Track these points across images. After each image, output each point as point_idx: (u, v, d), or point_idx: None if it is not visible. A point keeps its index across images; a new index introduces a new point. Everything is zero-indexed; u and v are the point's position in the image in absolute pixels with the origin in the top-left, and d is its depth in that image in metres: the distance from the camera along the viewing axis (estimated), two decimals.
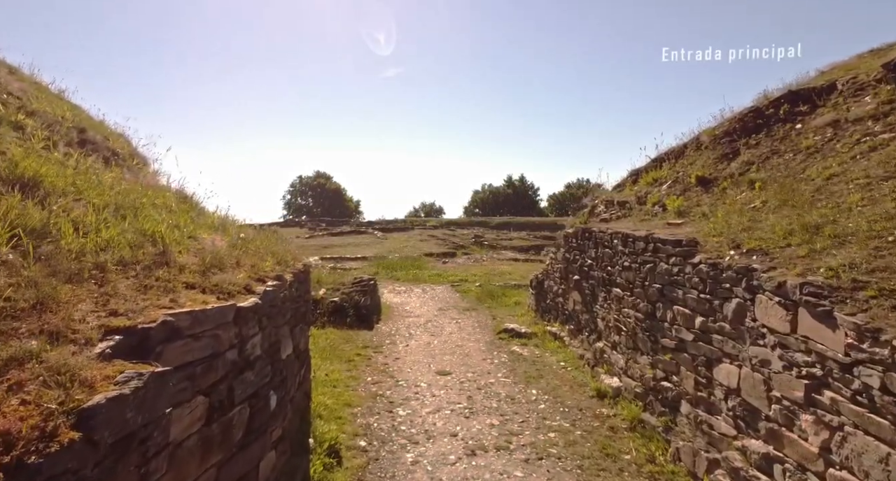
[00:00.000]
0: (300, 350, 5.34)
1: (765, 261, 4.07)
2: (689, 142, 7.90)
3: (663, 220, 6.61)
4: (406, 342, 9.90)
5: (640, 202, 7.51)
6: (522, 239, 36.47)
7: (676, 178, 7.34)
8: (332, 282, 12.14)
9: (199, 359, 2.90)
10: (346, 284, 12.02)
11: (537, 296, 11.01)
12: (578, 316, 8.53)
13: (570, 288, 8.88)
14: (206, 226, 4.96)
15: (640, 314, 6.18)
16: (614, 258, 7.01)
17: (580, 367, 7.92)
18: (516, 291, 15.34)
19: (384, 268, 22.05)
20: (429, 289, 16.84)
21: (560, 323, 9.58)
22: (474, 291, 15.90)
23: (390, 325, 11.31)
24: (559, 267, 9.47)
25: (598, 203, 9.12)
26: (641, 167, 8.75)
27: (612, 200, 8.35)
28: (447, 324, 11.42)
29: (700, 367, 4.92)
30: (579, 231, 8.41)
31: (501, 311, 12.95)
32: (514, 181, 72.21)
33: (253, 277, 4.20)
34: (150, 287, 3.16)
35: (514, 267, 23.63)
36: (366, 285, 11.97)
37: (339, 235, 38.40)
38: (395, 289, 17.18)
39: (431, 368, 8.23)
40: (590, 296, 8.00)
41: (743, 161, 6.44)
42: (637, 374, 6.27)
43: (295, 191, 61.17)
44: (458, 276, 19.75)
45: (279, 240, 6.33)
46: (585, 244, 8.14)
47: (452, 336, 10.36)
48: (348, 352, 9.01)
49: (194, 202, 5.82)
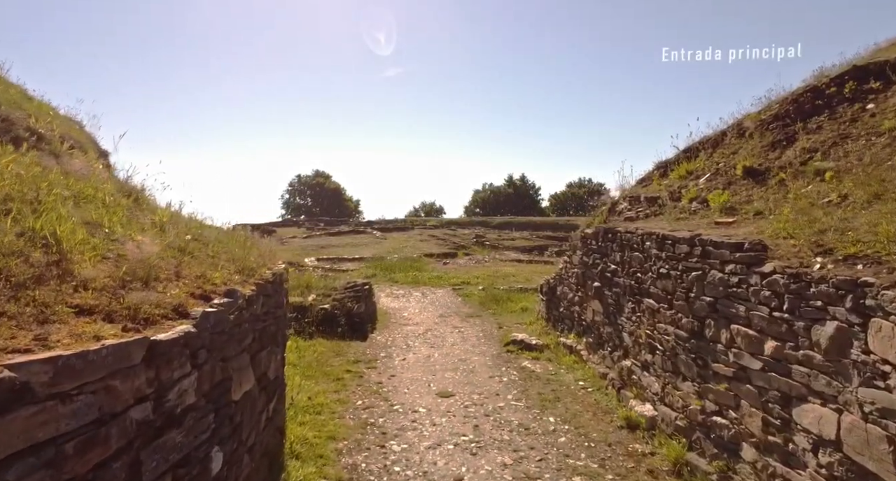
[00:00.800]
0: (268, 380, 4.29)
1: (880, 272, 3.02)
2: (729, 129, 6.85)
3: (706, 219, 5.56)
4: (403, 355, 8.85)
5: (673, 198, 6.46)
6: (525, 239, 35.42)
7: (717, 170, 6.29)
8: (323, 287, 11.09)
9: (69, 431, 1.86)
10: (338, 289, 10.97)
11: (548, 302, 9.96)
12: (599, 328, 7.48)
13: (588, 296, 7.83)
14: (145, 225, 3.91)
15: (682, 331, 5.13)
16: (646, 263, 5.97)
17: (603, 389, 6.86)
18: (522, 295, 14.28)
19: (382, 269, 21.02)
20: (429, 293, 15.79)
21: (576, 334, 8.53)
22: (477, 295, 14.85)
23: (386, 335, 10.25)
24: (575, 271, 8.42)
25: (619, 200, 8.07)
26: (670, 159, 7.70)
27: (637, 196, 7.31)
28: (449, 334, 10.37)
29: (772, 405, 3.87)
30: (600, 231, 7.37)
31: (507, 318, 11.89)
32: (514, 180, 71.18)
33: (195, 293, 3.15)
34: (15, 316, 2.12)
35: (517, 268, 22.58)
36: (359, 290, 10.91)
37: (337, 235, 37.38)
38: (392, 292, 16.14)
39: (431, 388, 7.18)
40: (613, 306, 6.95)
41: (802, 148, 5.39)
42: (678, 403, 5.21)
43: (293, 190, 60.12)
44: (460, 279, 18.71)
45: (249, 243, 5.28)
46: (608, 246, 7.09)
47: (455, 348, 9.31)
48: (338, 367, 7.96)
49: (142, 196, 4.77)
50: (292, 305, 9.90)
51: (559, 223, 53.52)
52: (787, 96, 6.18)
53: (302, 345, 8.87)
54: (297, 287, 10.78)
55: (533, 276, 20.25)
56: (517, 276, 19.88)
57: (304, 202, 59.60)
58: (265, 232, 42.51)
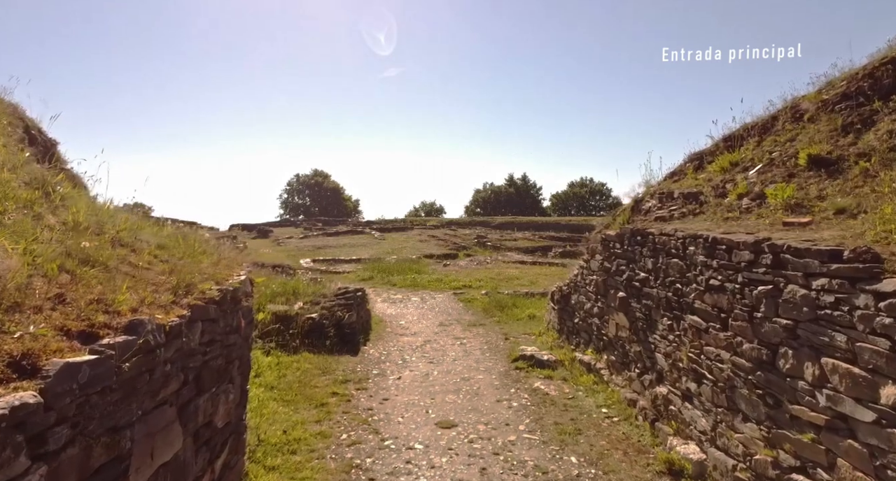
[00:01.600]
0: (214, 430, 3.24)
1: None
2: (780, 113, 5.79)
3: (765, 218, 4.51)
4: (399, 372, 7.80)
5: (718, 194, 5.40)
6: (528, 239, 34.37)
7: (770, 160, 5.23)
8: (312, 294, 10.04)
9: None
10: (328, 296, 9.91)
11: (561, 312, 8.90)
12: (624, 345, 6.43)
13: (610, 307, 6.79)
14: (44, 225, 2.86)
15: (742, 359, 4.08)
16: (689, 272, 4.91)
17: (632, 419, 5.81)
18: (529, 301, 13.23)
19: (380, 271, 19.97)
20: (428, 298, 14.74)
21: (594, 350, 7.48)
22: (480, 301, 13.80)
23: (381, 348, 9.20)
24: (594, 279, 7.36)
25: (644, 196, 7.02)
26: (706, 149, 6.65)
27: (668, 193, 6.25)
28: (450, 346, 9.31)
29: (893, 473, 2.82)
30: (626, 233, 6.32)
31: (514, 328, 10.84)
32: (516, 180, 70.17)
33: (73, 330, 2.10)
34: None
35: (521, 270, 21.54)
36: (351, 297, 9.86)
37: (334, 235, 36.39)
38: (390, 297, 15.08)
39: (430, 416, 6.13)
40: (643, 320, 5.90)
41: (889, 131, 4.33)
42: (736, 448, 4.16)
43: (292, 189, 59.08)
44: (461, 282, 17.67)
45: (200, 247, 4.23)
46: (636, 251, 6.04)
47: (457, 363, 8.25)
48: (323, 389, 6.91)
49: (58, 190, 3.71)
50: (276, 315, 8.86)
51: (561, 223, 52.56)
52: (857, 71, 5.12)
53: (284, 361, 7.82)
54: (282, 294, 9.74)
55: (538, 279, 19.20)
56: (521, 279, 18.86)
57: (303, 202, 58.55)
58: (262, 232, 41.60)
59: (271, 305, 9.21)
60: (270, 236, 38.27)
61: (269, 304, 9.22)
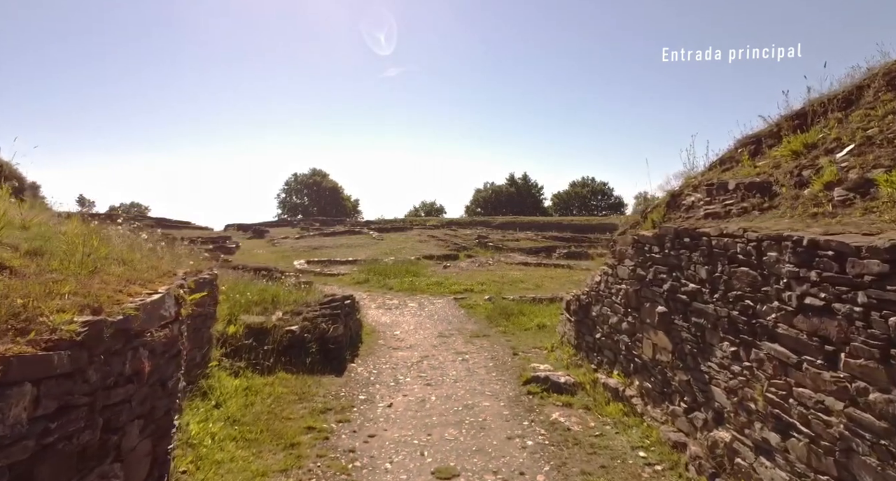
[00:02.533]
0: None
1: None
2: (867, 81, 4.57)
3: (882, 214, 3.28)
4: (390, 397, 6.56)
5: (796, 183, 4.16)
6: (530, 239, 33.14)
7: (868, 139, 4.00)
8: (294, 302, 8.79)
9: None
10: (313, 305, 8.67)
11: (579, 325, 7.66)
12: (665, 371, 5.19)
13: (645, 323, 5.55)
14: None
15: (868, 414, 2.84)
16: (766, 286, 3.68)
17: (681, 469, 4.57)
18: (536, 308, 11.98)
19: (376, 274, 18.72)
20: (427, 303, 13.50)
21: (622, 373, 6.24)
22: (483, 307, 12.56)
23: (371, 365, 7.96)
24: (622, 288, 6.12)
25: (684, 189, 5.76)
26: (763, 130, 5.41)
27: (721, 184, 5.01)
28: (450, 364, 8.07)
29: None
30: (667, 234, 5.08)
31: (522, 340, 9.59)
32: (516, 179, 68.96)
33: None
34: None
35: (526, 273, 20.30)
36: (339, 307, 8.62)
37: (331, 236, 35.18)
38: (385, 302, 13.85)
39: (426, 460, 4.89)
40: (693, 343, 4.66)
41: None
42: None
43: (290, 189, 57.82)
44: (462, 285, 16.42)
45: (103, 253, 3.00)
46: (682, 256, 4.80)
47: (458, 386, 7.01)
48: (296, 422, 5.67)
49: None
50: (251, 328, 7.63)
51: (563, 223, 51.33)
52: None
53: (255, 384, 6.58)
54: (259, 303, 8.50)
55: (544, 282, 17.96)
56: (526, 282, 17.63)
57: (301, 201, 57.29)
58: (257, 232, 40.38)
59: (245, 316, 7.97)
60: (266, 236, 37.08)
61: (243, 315, 7.98)
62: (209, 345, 6.45)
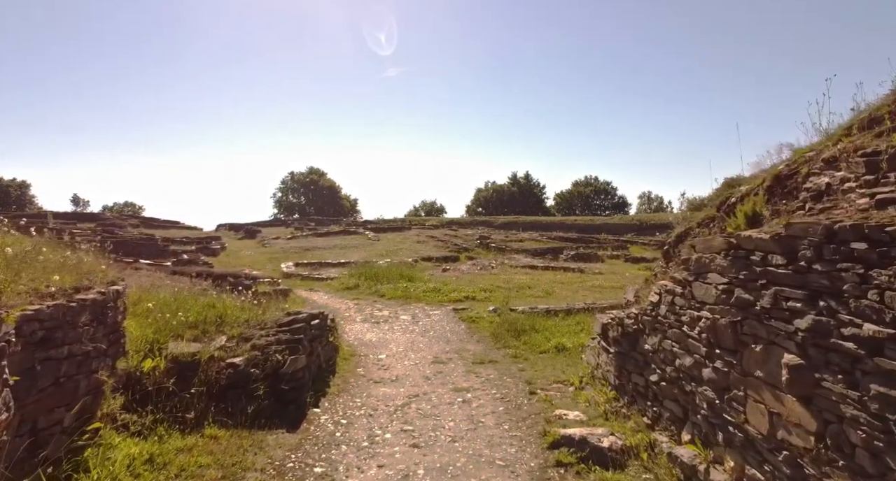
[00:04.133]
0: None
1: None
2: None
3: None
4: (359, 471, 4.48)
5: None
6: (534, 240, 31.06)
7: None
8: (246, 322, 6.71)
9: None
10: (269, 327, 6.59)
11: (621, 358, 5.57)
12: (800, 462, 3.11)
13: (751, 376, 3.48)
14: None
15: None
16: None
17: None
18: (551, 323, 9.90)
19: (367, 278, 16.62)
20: (421, 315, 11.45)
21: (700, 439, 4.16)
22: (487, 321, 10.49)
23: (340, 410, 5.89)
24: (703, 316, 4.03)
25: (809, 166, 3.70)
26: None
27: (892, 157, 2.96)
28: (447, 408, 5.99)
29: None
30: (812, 235, 2.99)
31: (539, 368, 7.51)
32: (518, 178, 66.93)
33: None
34: None
35: (533, 277, 18.23)
36: (302, 330, 6.53)
37: (325, 236, 33.12)
38: (374, 313, 11.79)
39: None
40: (876, 429, 2.58)
41: None
42: None
43: (286, 188, 55.75)
44: (463, 291, 14.35)
45: None
46: (844, 275, 2.74)
47: (457, 448, 4.93)
48: None
49: None
50: (178, 362, 5.57)
51: (567, 223, 49.22)
52: None
53: (165, 451, 4.50)
54: (197, 325, 6.41)
55: (554, 288, 15.85)
56: (534, 288, 15.52)
57: (298, 200, 55.19)
58: (249, 232, 38.24)
59: (175, 344, 5.89)
60: (258, 236, 35.03)
61: (173, 343, 5.90)
62: (95, 394, 4.38)
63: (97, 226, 30.64)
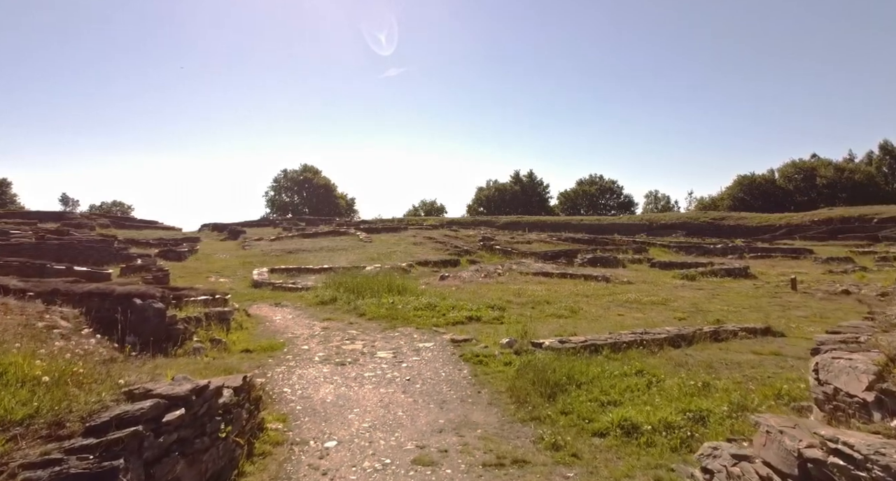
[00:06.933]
0: None
1: None
2: None
3: None
4: None
5: None
6: (544, 241, 27.62)
7: None
8: (28, 422, 3.35)
9: None
10: (66, 435, 3.19)
11: None
12: None
13: None
14: None
15: None
16: None
17: None
18: (597, 367, 6.47)
19: (347, 290, 13.24)
20: (408, 350, 8.07)
21: None
22: (502, 363, 7.11)
23: None
24: None
25: None
26: None
27: None
28: None
29: None
30: None
31: (604, 477, 4.12)
32: (521, 177, 63.55)
33: None
34: None
35: (549, 287, 14.84)
36: (123, 447, 3.11)
37: (313, 237, 29.70)
38: (342, 346, 8.42)
39: None
40: None
41: None
42: None
43: (279, 186, 52.43)
44: (465, 309, 10.95)
45: None
46: None
47: None
48: None
49: None
50: None
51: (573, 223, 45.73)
52: None
53: None
54: None
55: (579, 303, 12.34)
56: (554, 303, 12.07)
57: (291, 199, 51.87)
58: (233, 233, 34.56)
59: None
60: (241, 237, 31.64)
61: None
62: None
63: (62, 226, 27.42)
